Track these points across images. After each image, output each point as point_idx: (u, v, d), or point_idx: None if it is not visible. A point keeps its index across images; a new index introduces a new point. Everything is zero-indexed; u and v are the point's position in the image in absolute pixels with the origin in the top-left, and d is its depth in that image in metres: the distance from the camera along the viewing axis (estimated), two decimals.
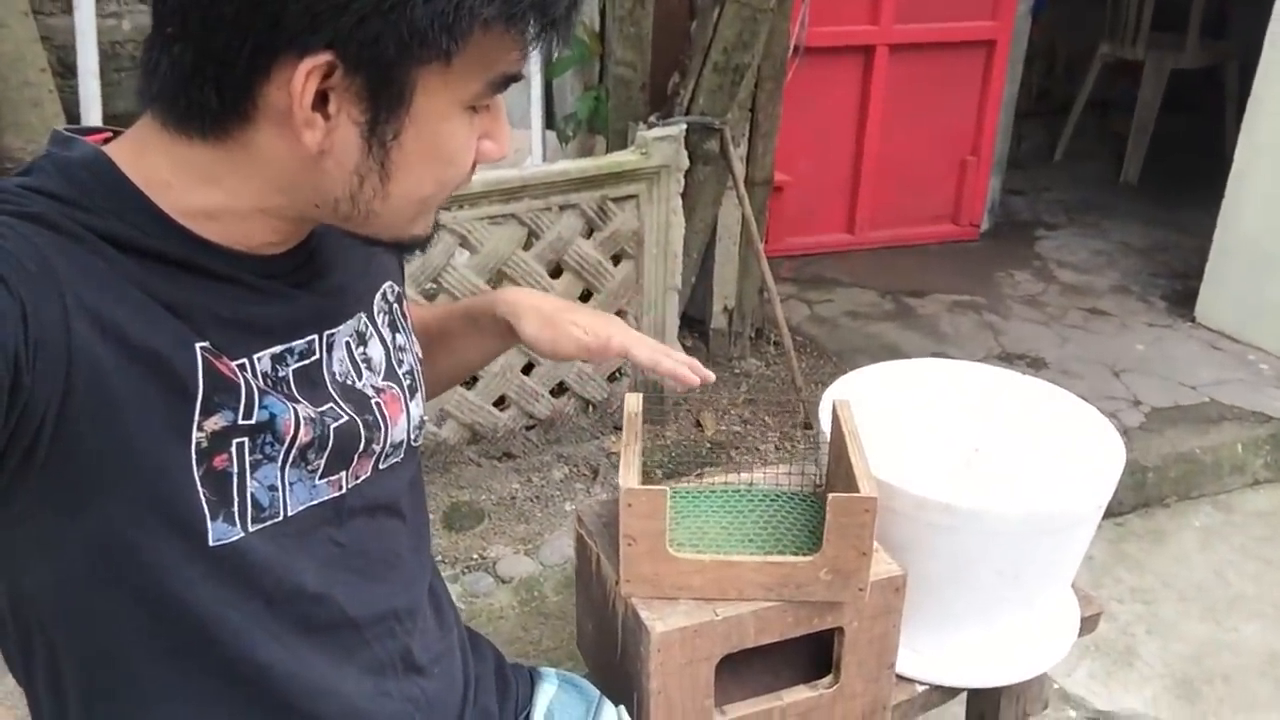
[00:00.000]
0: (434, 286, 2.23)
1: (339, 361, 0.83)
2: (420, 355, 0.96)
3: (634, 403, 1.21)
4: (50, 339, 0.63)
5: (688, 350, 2.66)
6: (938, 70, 3.75)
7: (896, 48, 3.64)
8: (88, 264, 0.66)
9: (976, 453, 1.47)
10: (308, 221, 0.77)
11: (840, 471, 1.17)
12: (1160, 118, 4.58)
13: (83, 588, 0.72)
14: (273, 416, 0.75)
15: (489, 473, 2.41)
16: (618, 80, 2.56)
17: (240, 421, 0.73)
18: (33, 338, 0.62)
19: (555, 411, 2.52)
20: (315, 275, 0.81)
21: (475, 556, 2.17)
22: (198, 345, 0.70)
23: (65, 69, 2.75)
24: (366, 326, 0.87)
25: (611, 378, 2.59)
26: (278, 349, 0.77)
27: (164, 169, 0.70)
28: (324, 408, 0.80)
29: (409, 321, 0.95)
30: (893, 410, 1.46)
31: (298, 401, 0.77)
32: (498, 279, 2.29)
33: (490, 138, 0.76)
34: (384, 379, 0.88)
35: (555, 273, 2.39)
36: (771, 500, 1.26)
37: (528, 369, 2.45)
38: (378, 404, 0.86)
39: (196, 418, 0.70)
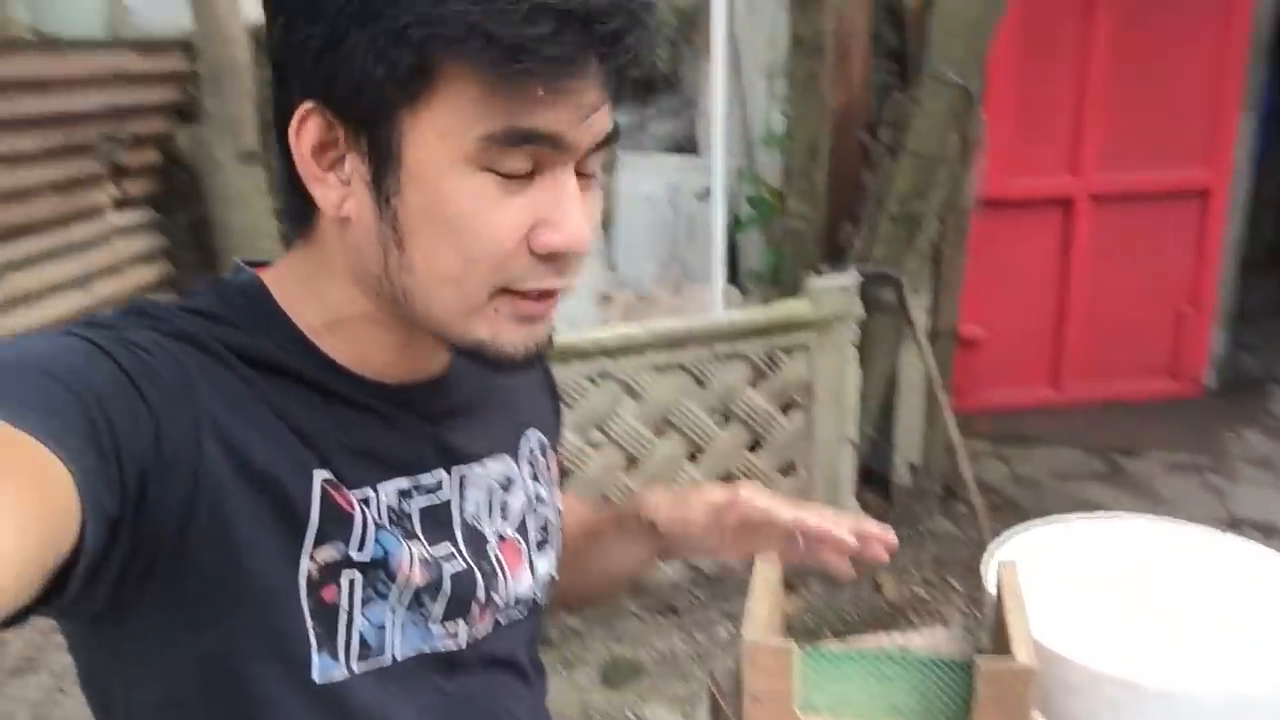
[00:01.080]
0: (600, 435, 2.23)
1: (473, 503, 0.80)
2: (561, 509, 0.92)
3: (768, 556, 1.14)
4: (181, 459, 0.63)
5: (866, 509, 2.53)
6: (1147, 220, 3.57)
7: (1099, 197, 3.49)
8: (226, 383, 0.67)
9: (1172, 623, 1.29)
10: (396, 328, 0.73)
11: (1001, 639, 1.05)
12: None
13: (185, 708, 0.71)
14: (386, 553, 0.72)
15: (651, 627, 2.34)
16: (791, 233, 2.57)
17: (352, 555, 0.71)
18: (165, 457, 0.62)
19: (723, 568, 2.44)
20: (450, 411, 0.80)
21: (630, 715, 2.08)
22: (317, 474, 0.70)
23: None
24: (514, 471, 0.85)
25: None
26: (405, 483, 0.76)
27: (292, 284, 0.72)
28: (443, 551, 0.77)
29: (553, 474, 0.92)
30: (1076, 574, 1.30)
31: (415, 539, 0.75)
32: (664, 428, 2.27)
33: (549, 225, 0.65)
34: (513, 529, 0.84)
35: (722, 423, 2.35)
36: (927, 668, 1.14)
37: None
38: (496, 553, 0.82)
39: (309, 547, 0.69)
